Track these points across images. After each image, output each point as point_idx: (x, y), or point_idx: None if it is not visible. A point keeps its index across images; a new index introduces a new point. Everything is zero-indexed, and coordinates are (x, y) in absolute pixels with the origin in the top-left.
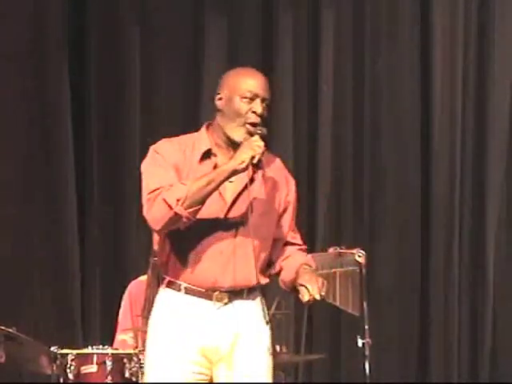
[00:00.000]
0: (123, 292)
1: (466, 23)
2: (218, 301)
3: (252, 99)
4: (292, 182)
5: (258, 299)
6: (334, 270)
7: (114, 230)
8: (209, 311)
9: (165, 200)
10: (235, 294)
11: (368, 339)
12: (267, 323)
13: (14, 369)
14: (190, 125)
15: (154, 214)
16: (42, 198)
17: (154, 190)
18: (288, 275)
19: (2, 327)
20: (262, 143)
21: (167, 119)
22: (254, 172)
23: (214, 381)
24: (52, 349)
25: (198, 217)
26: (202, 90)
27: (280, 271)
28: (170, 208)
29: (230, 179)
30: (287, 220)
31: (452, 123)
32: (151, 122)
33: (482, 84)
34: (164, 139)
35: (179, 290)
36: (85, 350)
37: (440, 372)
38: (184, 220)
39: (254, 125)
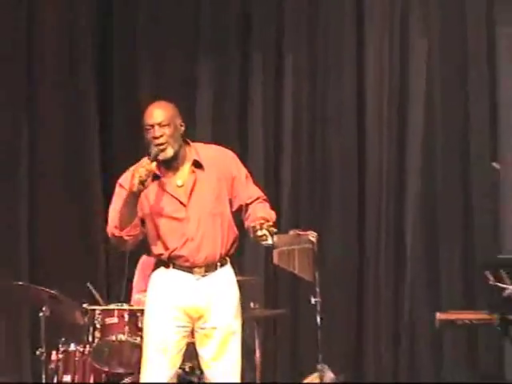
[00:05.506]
0: (137, 262)
1: (390, 60)
2: (197, 274)
3: (151, 128)
4: (231, 157)
5: (228, 269)
6: (293, 247)
7: None
8: (191, 281)
9: (110, 228)
10: (210, 267)
11: (319, 298)
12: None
13: (56, 321)
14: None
15: (110, 239)
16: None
17: (109, 222)
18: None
19: (47, 289)
20: (146, 163)
21: None
22: (194, 171)
23: (195, 331)
24: (84, 305)
25: (169, 221)
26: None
27: (248, 228)
28: (113, 234)
29: (178, 184)
30: (240, 189)
31: (380, 133)
32: None
33: (402, 103)
34: (127, 171)
35: (168, 267)
36: (108, 307)
37: (372, 321)
38: (125, 238)
39: (156, 145)
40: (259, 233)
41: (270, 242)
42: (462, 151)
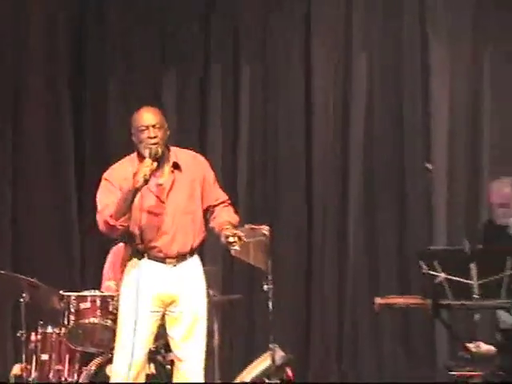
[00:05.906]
0: (108, 252)
1: (335, 71)
2: (169, 264)
3: (146, 129)
4: (203, 162)
5: (197, 260)
6: (249, 240)
7: None
8: (164, 270)
9: (103, 217)
10: (181, 258)
11: (271, 285)
12: (203, 276)
13: (35, 306)
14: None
15: (101, 227)
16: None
17: (100, 211)
18: (217, 232)
19: (26, 277)
20: (149, 163)
21: None
22: (173, 172)
23: (166, 315)
24: (61, 292)
25: (148, 215)
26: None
27: (213, 228)
28: (107, 223)
29: (159, 183)
30: (209, 190)
31: (326, 136)
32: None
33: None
34: (111, 167)
35: (143, 258)
36: (82, 293)
37: (319, 306)
38: (118, 227)
39: (151, 144)
40: (231, 239)
41: (237, 247)
42: (397, 155)
